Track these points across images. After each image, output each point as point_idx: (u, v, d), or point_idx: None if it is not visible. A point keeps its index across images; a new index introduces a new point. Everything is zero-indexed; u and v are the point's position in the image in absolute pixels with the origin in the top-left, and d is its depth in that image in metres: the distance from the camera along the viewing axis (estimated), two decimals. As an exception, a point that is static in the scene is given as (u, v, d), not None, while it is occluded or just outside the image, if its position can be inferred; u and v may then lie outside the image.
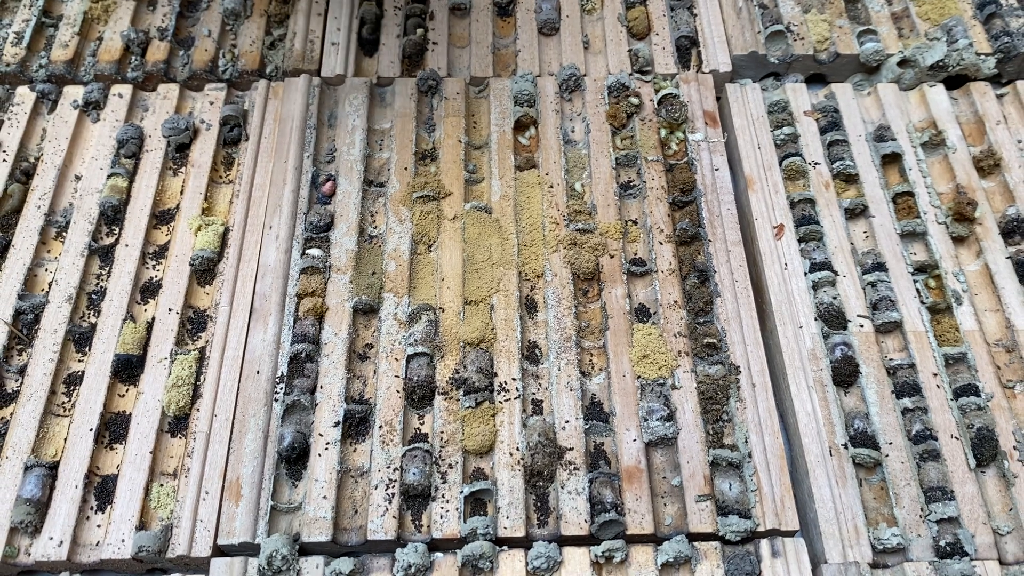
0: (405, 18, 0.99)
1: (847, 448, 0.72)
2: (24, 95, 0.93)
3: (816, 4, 1.00)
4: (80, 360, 0.78)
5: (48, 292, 0.81)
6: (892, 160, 0.89)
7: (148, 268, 0.83)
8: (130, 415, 0.75)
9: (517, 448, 0.72)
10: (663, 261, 0.82)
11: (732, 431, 0.74)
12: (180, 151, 0.90)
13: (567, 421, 0.73)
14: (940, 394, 0.75)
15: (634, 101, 0.92)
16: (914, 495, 0.71)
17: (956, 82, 0.97)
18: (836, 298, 0.80)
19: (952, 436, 0.73)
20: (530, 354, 0.78)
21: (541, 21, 0.99)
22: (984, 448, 0.72)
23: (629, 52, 0.97)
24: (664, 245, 0.83)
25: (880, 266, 0.82)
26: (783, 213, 0.85)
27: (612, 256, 0.82)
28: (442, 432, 0.73)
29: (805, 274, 0.82)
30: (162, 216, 0.86)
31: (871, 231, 0.85)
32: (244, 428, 0.73)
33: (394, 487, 0.70)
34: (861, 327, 0.79)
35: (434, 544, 0.69)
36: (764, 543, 0.69)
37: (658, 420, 0.73)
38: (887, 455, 0.72)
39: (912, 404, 0.74)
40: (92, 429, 0.73)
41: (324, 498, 0.70)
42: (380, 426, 0.73)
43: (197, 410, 0.74)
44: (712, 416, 0.74)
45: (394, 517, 0.69)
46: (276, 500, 0.70)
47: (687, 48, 0.98)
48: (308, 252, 0.83)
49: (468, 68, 0.97)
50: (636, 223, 0.86)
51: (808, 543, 0.71)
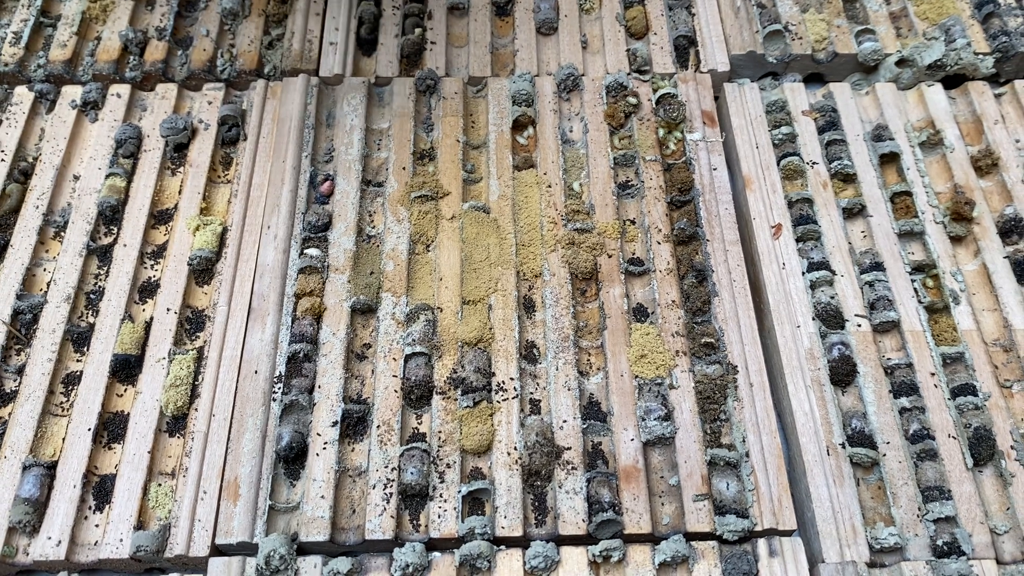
0: (403, 18, 0.99)
1: (844, 447, 0.72)
2: (22, 95, 0.93)
3: (814, 4, 1.00)
4: (78, 360, 0.78)
5: (46, 292, 0.81)
6: (890, 160, 0.89)
7: (146, 268, 0.83)
8: (128, 415, 0.75)
9: (515, 448, 0.72)
10: (661, 261, 0.82)
11: (730, 430, 0.74)
12: (178, 151, 0.90)
13: (565, 421, 0.73)
14: (938, 394, 0.75)
15: (632, 101, 0.92)
16: (911, 494, 0.71)
17: (954, 81, 0.96)
18: (834, 298, 0.80)
19: (949, 435, 0.73)
20: (528, 354, 0.78)
21: (539, 21, 0.99)
22: (981, 447, 0.72)
23: (627, 52, 0.97)
24: (662, 245, 0.83)
25: (878, 266, 0.82)
26: (781, 213, 0.85)
27: (610, 256, 0.82)
28: (440, 432, 0.73)
29: (803, 273, 0.82)
30: (160, 216, 0.86)
31: (869, 231, 0.85)
32: (242, 428, 0.73)
33: (392, 487, 0.70)
34: (859, 327, 0.79)
35: (432, 544, 0.69)
36: (761, 542, 0.69)
37: (656, 419, 0.73)
38: (884, 454, 0.72)
39: (910, 403, 0.74)
40: (90, 429, 0.73)
41: (322, 498, 0.70)
42: (378, 426, 0.73)
43: (195, 410, 0.75)
44: (710, 416, 0.74)
45: (392, 517, 0.69)
46: (274, 500, 0.70)
47: (685, 48, 0.97)
48: (306, 252, 0.83)
49: (466, 68, 0.97)
50: (634, 223, 0.86)
51: (805, 542, 0.71)
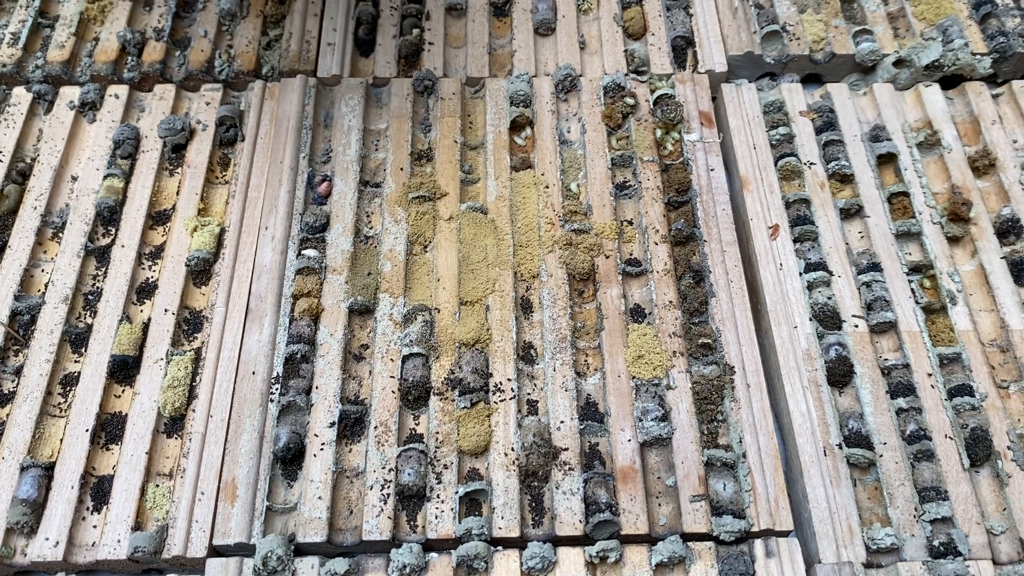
0: (401, 18, 0.99)
1: (841, 448, 0.72)
2: (20, 96, 0.93)
3: (812, 4, 1.00)
4: (76, 361, 0.78)
5: (44, 293, 0.81)
6: (887, 160, 0.89)
7: (144, 269, 0.83)
8: (126, 416, 0.75)
9: (512, 448, 0.72)
10: (658, 261, 0.82)
11: (727, 431, 0.74)
12: (176, 152, 0.90)
13: (562, 421, 0.73)
14: (934, 394, 0.75)
15: (630, 101, 0.92)
16: (908, 495, 0.71)
17: (952, 82, 0.96)
18: (831, 298, 0.80)
19: (946, 436, 0.73)
20: (525, 354, 0.78)
21: (537, 21, 0.99)
22: (978, 448, 0.72)
23: (625, 52, 0.97)
24: (659, 245, 0.83)
25: (875, 266, 0.82)
26: (778, 213, 0.86)
27: (607, 256, 0.82)
28: (437, 432, 0.73)
29: (800, 274, 0.82)
30: (158, 217, 0.86)
31: (866, 231, 0.85)
32: (240, 429, 0.73)
33: (389, 487, 0.70)
34: (856, 327, 0.79)
35: (429, 544, 0.69)
36: (758, 543, 0.69)
37: (653, 420, 0.73)
38: (881, 455, 0.72)
39: (906, 404, 0.74)
40: (88, 430, 0.73)
41: (319, 498, 0.70)
42: (375, 427, 0.73)
43: (193, 411, 0.75)
44: (707, 416, 0.74)
45: (389, 517, 0.69)
46: (271, 500, 0.70)
47: (683, 48, 0.97)
48: (304, 253, 0.83)
49: (464, 68, 0.97)
50: (632, 223, 0.86)
51: (802, 543, 0.71)
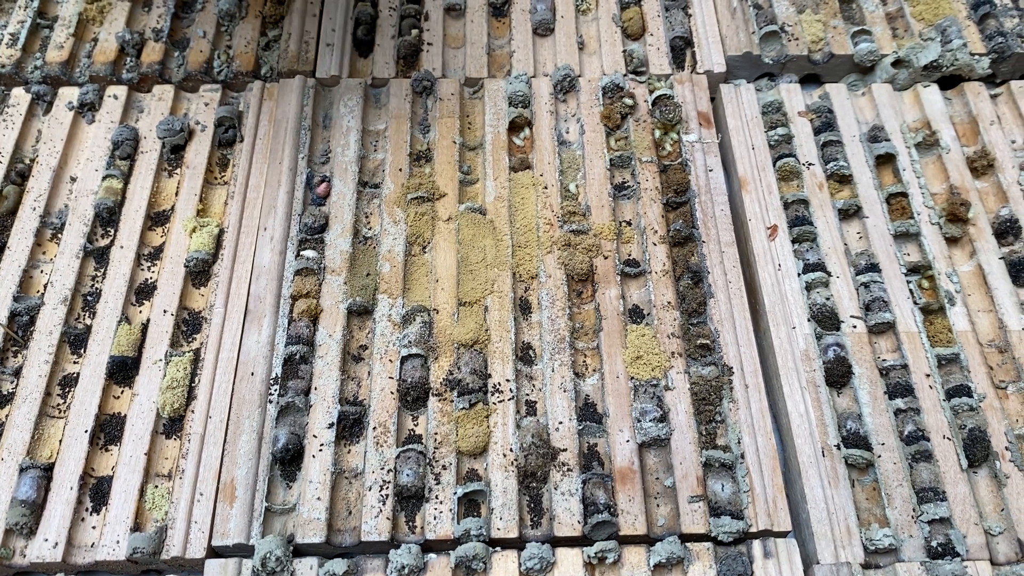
0: (400, 19, 0.99)
1: (840, 449, 0.73)
2: (19, 96, 0.93)
3: (810, 4, 1.00)
4: (75, 362, 0.78)
5: (43, 294, 0.81)
6: (886, 161, 0.89)
7: (143, 270, 0.83)
8: (125, 417, 0.75)
9: (511, 449, 0.72)
10: (657, 262, 0.82)
11: (725, 432, 0.74)
12: (175, 152, 0.90)
13: (560, 422, 0.73)
14: (933, 395, 0.75)
15: (628, 102, 0.92)
16: (906, 496, 0.71)
17: (950, 82, 0.96)
18: (829, 299, 0.80)
19: (944, 437, 0.73)
20: (524, 355, 0.78)
21: (536, 22, 0.99)
22: (976, 449, 0.72)
23: (623, 53, 0.97)
24: (658, 246, 0.83)
25: (873, 267, 0.82)
26: (777, 214, 0.86)
27: (606, 257, 0.83)
28: (436, 433, 0.73)
29: (798, 275, 0.82)
30: (157, 217, 0.87)
31: (864, 232, 0.85)
32: (238, 430, 0.73)
33: (388, 488, 0.70)
34: (854, 328, 0.79)
35: (427, 545, 0.69)
36: (756, 544, 0.69)
37: (651, 421, 0.73)
38: (879, 456, 0.72)
39: (905, 405, 0.74)
40: (87, 431, 0.73)
41: (318, 499, 0.70)
42: (374, 427, 0.73)
43: (192, 412, 0.75)
44: (705, 417, 0.74)
45: (388, 518, 0.69)
46: (270, 501, 0.70)
47: (681, 49, 0.98)
48: (303, 253, 0.83)
49: (463, 69, 0.97)
50: (630, 224, 0.86)
51: (800, 544, 0.71)
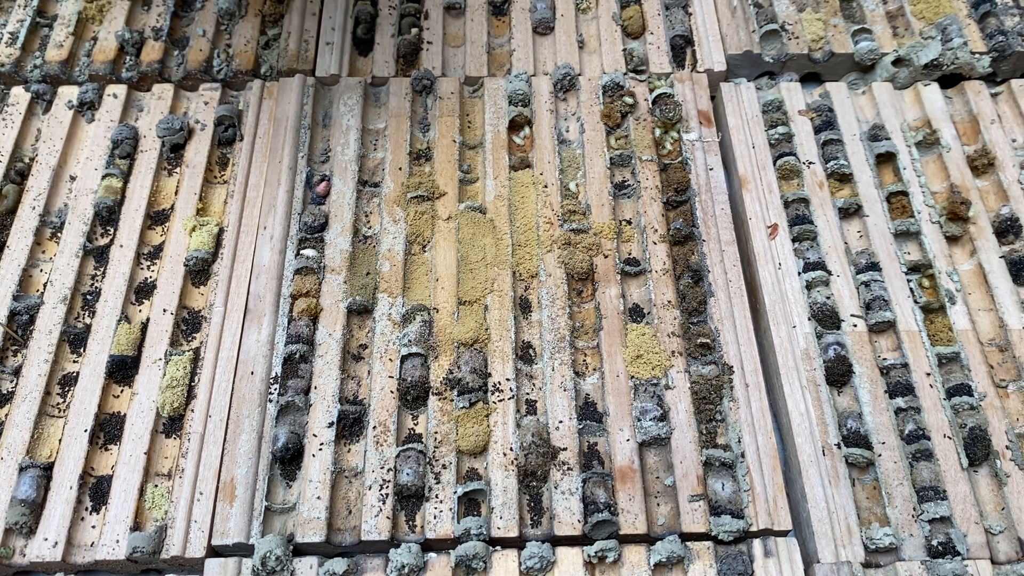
0: (400, 17, 0.99)
1: (840, 448, 0.72)
2: (19, 95, 0.93)
3: (811, 3, 1.00)
4: (75, 361, 0.78)
5: (43, 293, 0.81)
6: (886, 159, 0.89)
7: (143, 269, 0.83)
8: (125, 416, 0.75)
9: (511, 448, 0.72)
10: (657, 261, 0.82)
11: (725, 431, 0.74)
12: (175, 151, 0.90)
13: (561, 421, 0.73)
14: (933, 394, 0.75)
15: (628, 101, 0.92)
16: (907, 495, 0.71)
17: (950, 81, 0.96)
18: (830, 298, 0.80)
19: (945, 436, 0.73)
20: (524, 354, 0.78)
21: (536, 20, 0.99)
22: (977, 448, 0.72)
23: (624, 51, 0.97)
24: (658, 245, 0.83)
25: (874, 266, 0.82)
26: (777, 213, 0.85)
27: (606, 256, 0.82)
28: (436, 432, 0.73)
29: (799, 274, 0.82)
30: (157, 216, 0.86)
31: (865, 231, 0.85)
32: (238, 429, 0.73)
33: (388, 487, 0.70)
34: (854, 327, 0.79)
35: (428, 544, 0.69)
36: (757, 543, 0.69)
37: (651, 420, 0.73)
38: (880, 455, 0.72)
39: (905, 404, 0.74)
40: (87, 430, 0.73)
41: (318, 498, 0.70)
42: (374, 426, 0.73)
43: (191, 411, 0.75)
44: (705, 416, 0.74)
45: (388, 517, 0.69)
46: (270, 501, 0.70)
47: (682, 47, 0.97)
48: (302, 252, 0.83)
49: (463, 68, 0.96)
50: (630, 223, 0.86)
51: (801, 543, 0.71)
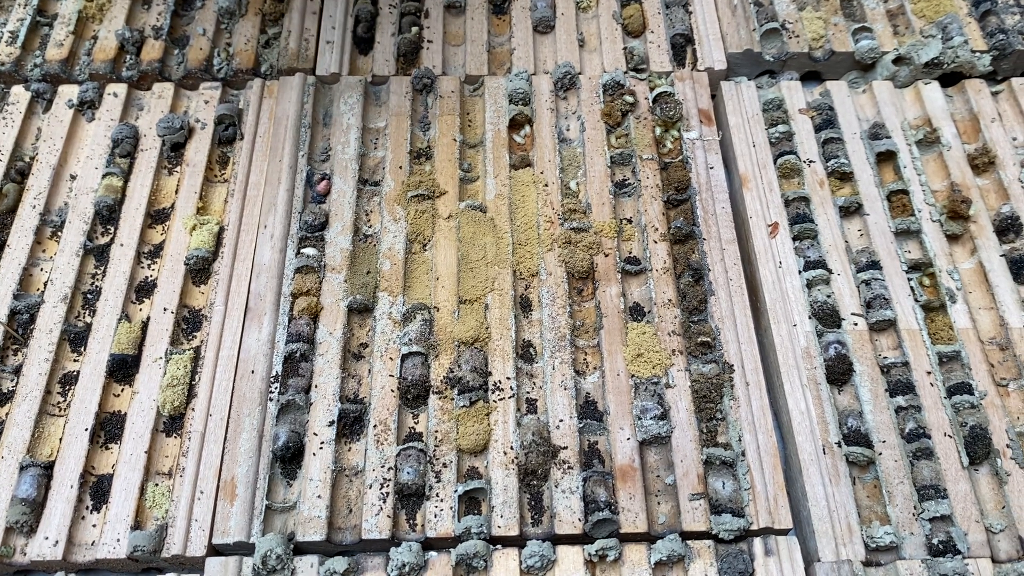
0: (400, 16, 0.99)
1: (840, 446, 0.72)
2: (19, 94, 0.93)
3: (811, 2, 1.00)
4: (75, 360, 0.78)
5: (43, 292, 0.81)
6: (887, 158, 0.89)
7: (143, 267, 0.83)
8: (125, 415, 0.75)
9: (511, 447, 0.72)
10: (657, 260, 0.82)
11: (726, 429, 0.74)
12: (175, 150, 0.90)
13: (561, 420, 0.73)
14: (934, 392, 0.75)
15: (629, 99, 0.92)
16: (907, 493, 0.71)
17: (951, 79, 0.96)
18: (830, 296, 0.80)
19: (945, 434, 0.73)
20: (524, 353, 0.78)
21: (536, 19, 0.99)
22: (977, 446, 0.72)
23: (624, 50, 0.97)
24: (659, 244, 0.83)
25: (874, 264, 0.82)
26: (778, 211, 0.85)
27: (606, 255, 0.82)
28: (436, 431, 0.73)
29: (799, 272, 0.82)
30: (157, 215, 0.86)
31: (865, 229, 0.85)
32: (239, 427, 0.73)
33: (388, 486, 0.70)
34: (855, 325, 0.79)
35: (428, 543, 0.69)
36: (757, 541, 0.69)
37: (652, 419, 0.73)
38: (880, 453, 0.72)
39: (906, 402, 0.74)
40: (87, 429, 0.73)
41: (319, 497, 0.70)
42: (374, 425, 0.73)
43: (192, 409, 0.75)
44: (706, 414, 0.74)
45: (388, 516, 0.69)
46: (271, 499, 0.70)
47: (682, 46, 0.97)
48: (303, 251, 0.83)
49: (463, 66, 0.96)
50: (631, 221, 0.86)
51: (801, 541, 0.71)
